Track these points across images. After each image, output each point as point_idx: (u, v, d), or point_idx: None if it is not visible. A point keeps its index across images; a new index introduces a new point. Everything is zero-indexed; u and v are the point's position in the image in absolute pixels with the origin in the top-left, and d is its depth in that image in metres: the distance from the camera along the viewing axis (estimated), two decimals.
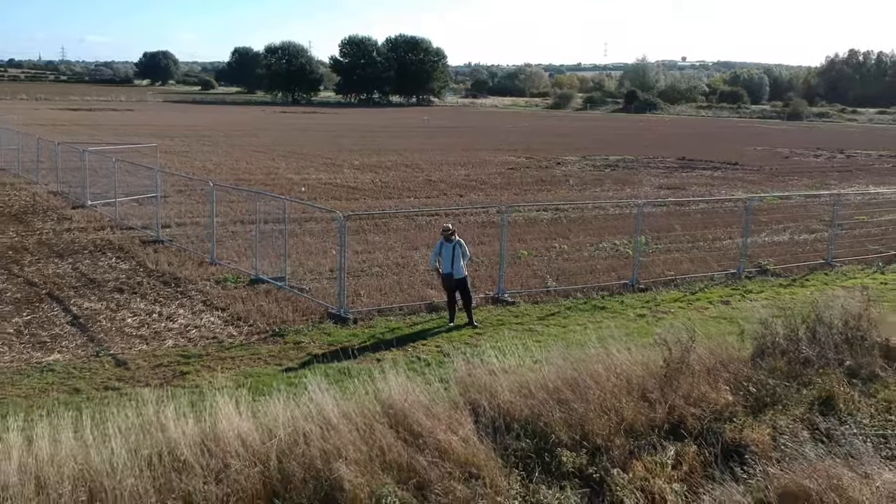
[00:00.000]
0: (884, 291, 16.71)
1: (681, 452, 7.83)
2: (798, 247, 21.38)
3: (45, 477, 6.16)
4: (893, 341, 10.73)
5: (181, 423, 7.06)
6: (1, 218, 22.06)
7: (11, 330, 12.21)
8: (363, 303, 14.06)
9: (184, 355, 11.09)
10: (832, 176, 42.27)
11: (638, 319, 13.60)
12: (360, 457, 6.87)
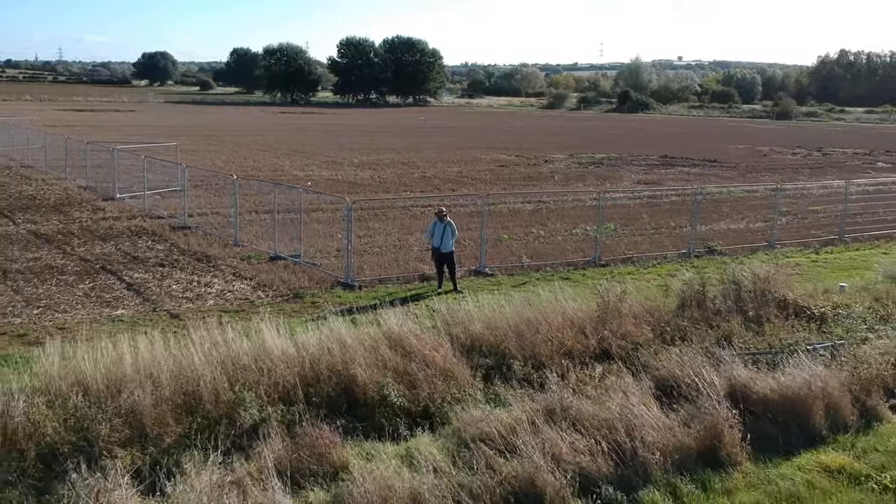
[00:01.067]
0: (811, 267, 19.55)
1: (608, 369, 10.58)
2: (750, 233, 24.16)
3: (151, 370, 8.91)
4: (788, 296, 13.52)
5: (238, 342, 9.80)
6: (42, 209, 24.76)
7: (80, 294, 14.95)
8: (366, 274, 16.82)
9: (224, 310, 13.82)
10: (803, 172, 44.99)
11: (594, 286, 16.36)
12: (369, 363, 9.61)
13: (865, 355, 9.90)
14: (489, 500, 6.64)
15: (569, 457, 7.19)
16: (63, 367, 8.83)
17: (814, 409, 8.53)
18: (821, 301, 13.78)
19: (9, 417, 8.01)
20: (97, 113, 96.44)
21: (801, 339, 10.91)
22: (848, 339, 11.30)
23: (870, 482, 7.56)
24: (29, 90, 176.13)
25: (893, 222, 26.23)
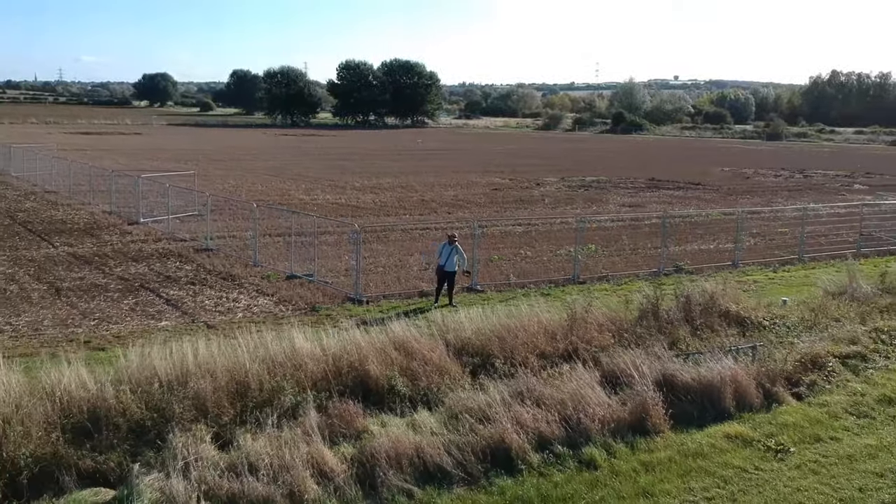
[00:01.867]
0: (768, 283, 22.01)
1: (578, 370, 12.99)
2: (718, 253, 26.63)
3: (208, 366, 11.32)
4: (732, 308, 15.97)
5: (274, 344, 12.21)
6: (75, 232, 27.21)
7: (127, 308, 17.38)
8: (372, 290, 19.26)
9: (252, 322, 16.23)
10: (781, 194, 47.56)
11: (569, 301, 18.80)
12: (379, 361, 12.02)
13: (774, 354, 12.34)
14: (470, 451, 9.04)
15: (530, 424, 9.59)
16: (140, 364, 11.24)
17: (724, 394, 10.96)
18: (762, 313, 16.22)
19: (102, 400, 10.41)
20: (105, 136, 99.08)
21: (731, 343, 13.34)
22: (773, 343, 13.73)
23: (758, 444, 9.96)
24: (33, 112, 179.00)
25: (853, 243, 28.73)
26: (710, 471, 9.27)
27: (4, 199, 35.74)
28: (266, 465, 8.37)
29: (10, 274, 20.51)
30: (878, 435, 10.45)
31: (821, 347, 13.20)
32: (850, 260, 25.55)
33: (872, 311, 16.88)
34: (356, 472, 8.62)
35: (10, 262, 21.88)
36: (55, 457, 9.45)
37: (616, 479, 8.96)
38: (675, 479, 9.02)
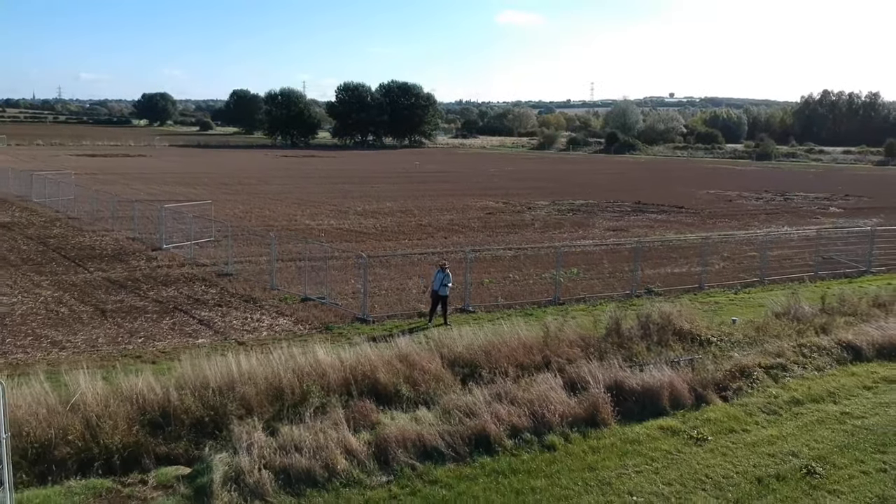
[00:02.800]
0: (727, 304, 24.79)
1: (545, 376, 15.75)
2: (687, 276, 29.40)
3: (250, 374, 14.07)
4: (685, 327, 18.76)
5: (300, 357, 14.97)
6: (105, 258, 29.99)
7: (166, 327, 20.15)
8: (377, 311, 22.04)
9: (276, 339, 19.01)
10: (759, 218, 50.42)
11: (548, 321, 21.60)
12: (386, 371, 14.78)
13: (708, 365, 15.16)
14: (459, 437, 11.81)
15: (506, 418, 12.36)
16: (194, 373, 14.00)
17: (662, 396, 13.73)
18: (712, 331, 19.03)
19: (169, 401, 13.17)
20: (110, 159, 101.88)
21: (677, 356, 16.14)
22: (713, 356, 16.54)
23: (683, 434, 12.73)
24: (33, 132, 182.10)
25: (813, 266, 31.52)
26: (643, 453, 12.05)
27: (33, 225, 38.50)
28: (307, 446, 11.14)
29: (57, 297, 23.28)
30: (781, 428, 13.23)
31: (750, 359, 16.00)
32: (806, 283, 28.54)
33: (808, 328, 19.68)
34: (373, 451, 11.41)
35: (55, 287, 24.66)
36: (137, 444, 12.21)
37: (569, 458, 11.74)
38: (615, 458, 11.80)
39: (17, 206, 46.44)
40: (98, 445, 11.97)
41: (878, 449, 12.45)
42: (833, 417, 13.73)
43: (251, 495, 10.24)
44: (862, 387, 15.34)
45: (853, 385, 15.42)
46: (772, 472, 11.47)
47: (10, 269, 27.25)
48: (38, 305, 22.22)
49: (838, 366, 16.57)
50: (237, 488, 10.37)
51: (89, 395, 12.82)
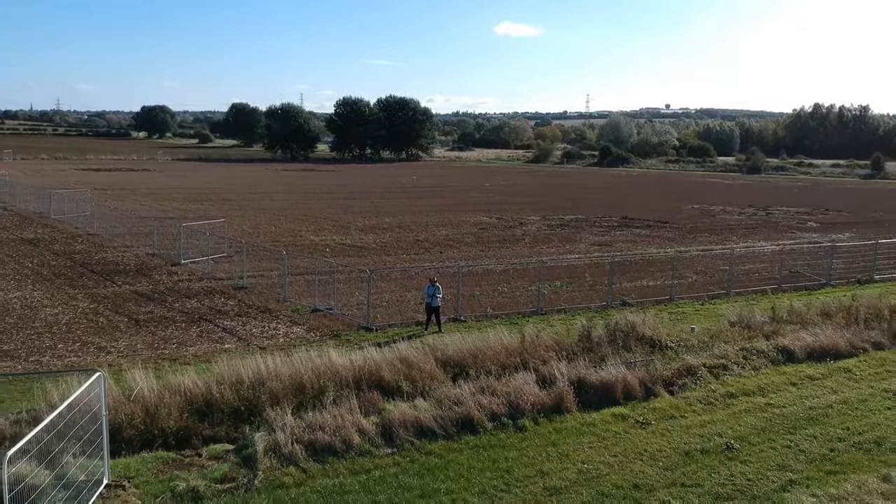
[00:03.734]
0: (693, 314, 27.64)
1: (522, 374, 18.61)
2: (660, 288, 32.27)
3: (276, 372, 16.92)
4: (647, 333, 21.62)
5: (317, 359, 17.82)
6: (130, 273, 32.83)
7: (195, 335, 23.01)
8: (379, 321, 24.90)
9: (292, 345, 21.85)
10: (738, 233, 53.37)
11: (529, 329, 24.46)
12: (389, 370, 17.64)
13: (657, 365, 18.04)
14: (448, 420, 14.67)
15: (487, 406, 15.23)
16: (229, 371, 16.85)
17: (616, 389, 16.61)
18: (673, 337, 21.91)
19: (210, 394, 16.01)
20: (115, 173, 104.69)
21: (635, 358, 19.03)
22: (667, 357, 19.41)
23: (631, 419, 15.61)
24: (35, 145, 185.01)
25: (776, 279, 34.43)
26: (597, 433, 14.93)
27: (56, 241, 41.32)
28: (328, 426, 14.00)
29: (93, 308, 26.14)
30: (713, 415, 16.11)
31: (697, 360, 18.90)
32: (769, 294, 31.46)
33: (756, 335, 22.57)
34: (380, 430, 14.28)
35: (90, 299, 27.51)
36: (187, 428, 15.05)
37: (537, 437, 14.62)
38: (574, 437, 14.68)
39: (38, 222, 49.23)
40: (157, 428, 14.82)
41: (789, 431, 15.33)
42: (758, 407, 16.62)
43: (286, 461, 13.10)
44: (788, 383, 18.24)
45: (781, 382, 18.32)
46: (698, 447, 14.35)
47: (46, 284, 30.08)
48: (78, 316, 25.07)
49: (773, 366, 19.47)
50: (275, 456, 13.23)
51: (146, 390, 15.67)
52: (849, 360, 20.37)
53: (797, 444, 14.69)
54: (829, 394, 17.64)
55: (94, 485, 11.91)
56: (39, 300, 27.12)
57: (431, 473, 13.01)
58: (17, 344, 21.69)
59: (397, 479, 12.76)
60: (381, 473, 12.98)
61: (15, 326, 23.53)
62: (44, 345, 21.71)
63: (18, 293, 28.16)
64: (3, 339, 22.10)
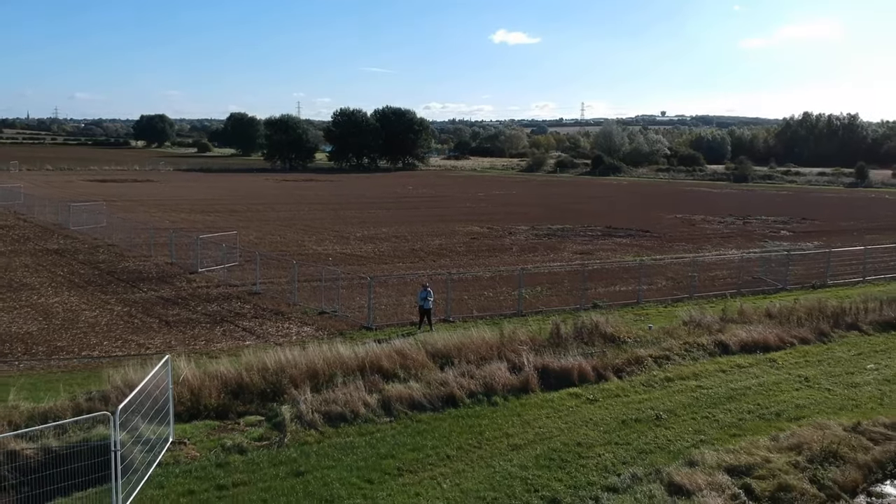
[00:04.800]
0: (656, 315, 31.27)
1: (497, 363, 22.23)
2: (631, 292, 35.90)
3: (295, 362, 20.55)
4: (608, 331, 25.26)
5: (327, 352, 21.44)
6: (152, 280, 36.44)
7: (219, 334, 26.63)
8: (378, 321, 28.54)
9: (304, 342, 25.43)
10: (713, 241, 57.00)
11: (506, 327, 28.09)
12: (388, 360, 21.26)
13: (609, 355, 21.71)
14: (435, 397, 18.31)
15: (466, 386, 18.87)
16: (256, 361, 20.46)
17: (573, 374, 20.26)
18: (631, 334, 25.56)
19: (241, 378, 19.63)
20: (121, 184, 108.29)
21: (594, 350, 22.67)
22: (621, 349, 23.05)
23: (583, 397, 19.27)
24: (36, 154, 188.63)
25: (737, 284, 38.10)
26: (554, 407, 18.59)
27: (80, 252, 44.92)
28: (339, 400, 17.66)
29: (126, 311, 29.77)
30: (651, 394, 19.77)
31: (645, 352, 22.58)
32: (727, 298, 35.12)
33: (704, 332, 26.22)
34: (381, 403, 17.94)
35: (122, 304, 31.13)
36: (224, 405, 18.66)
37: (505, 409, 18.28)
38: (535, 410, 18.33)
39: (59, 234, 52.81)
40: (200, 405, 18.44)
41: (710, 406, 19.00)
42: (690, 389, 20.30)
43: (308, 426, 16.74)
44: (719, 370, 21.92)
45: (713, 369, 22.01)
46: (633, 417, 18.01)
47: (80, 290, 33.69)
48: (114, 318, 28.70)
49: (709, 357, 23.15)
50: (299, 423, 16.88)
51: (189, 375, 19.29)
52: (776, 352, 24.05)
53: (714, 415, 18.35)
54: (751, 378, 21.33)
55: (162, 441, 15.54)
56: (77, 305, 30.73)
57: (420, 435, 16.66)
58: (68, 341, 25.32)
59: (394, 439, 16.42)
60: (381, 434, 16.64)
61: (62, 327, 27.14)
62: (91, 342, 25.34)
63: (58, 299, 31.77)
64: (56, 337, 25.73)
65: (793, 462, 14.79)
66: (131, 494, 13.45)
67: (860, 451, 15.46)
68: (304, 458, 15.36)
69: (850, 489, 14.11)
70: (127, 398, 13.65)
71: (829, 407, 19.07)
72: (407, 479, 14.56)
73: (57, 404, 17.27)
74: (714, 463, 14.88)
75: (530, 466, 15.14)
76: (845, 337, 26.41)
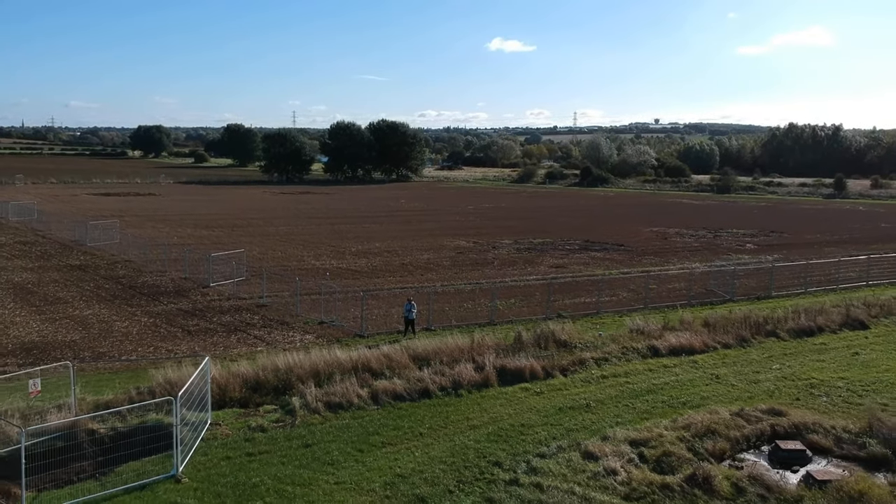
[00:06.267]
0: (612, 324, 36.04)
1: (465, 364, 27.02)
2: (593, 303, 40.70)
3: (300, 363, 25.35)
4: (562, 337, 30.06)
5: (326, 355, 26.20)
6: (170, 294, 41.19)
7: (235, 341, 31.39)
8: (370, 330, 33.32)
9: (307, 347, 30.19)
10: (680, 255, 61.72)
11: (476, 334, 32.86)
12: (377, 363, 26.05)
13: (556, 356, 26.52)
14: (414, 391, 23.09)
15: (439, 382, 23.64)
16: (269, 362, 25.24)
17: (525, 372, 25.05)
18: (582, 340, 30.36)
19: (257, 376, 24.40)
20: (125, 198, 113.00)
21: (545, 353, 27.49)
22: (570, 352, 27.87)
23: (532, 391, 24.04)
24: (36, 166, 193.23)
25: (688, 296, 42.90)
26: (507, 398, 23.40)
27: (100, 267, 49.64)
28: (338, 392, 22.46)
29: (153, 322, 34.52)
30: (587, 388, 24.58)
31: (588, 355, 27.42)
32: (677, 308, 39.93)
33: (644, 338, 31.03)
34: (370, 395, 22.74)
35: (147, 315, 35.88)
36: (245, 398, 23.43)
37: (469, 400, 23.09)
38: (492, 400, 23.15)
39: (77, 250, 57.51)
40: (226, 397, 23.20)
41: (633, 397, 23.82)
42: (619, 384, 25.13)
43: (313, 412, 21.54)
44: (647, 370, 26.76)
45: (642, 369, 26.85)
46: (568, 405, 22.84)
47: (108, 303, 38.45)
48: (143, 328, 33.46)
49: (641, 359, 27.99)
50: (306, 409, 21.67)
51: (217, 373, 24.07)
52: (699, 355, 28.91)
53: (633, 405, 23.18)
54: (672, 376, 26.18)
55: (203, 423, 20.34)
56: (109, 317, 35.48)
57: (400, 418, 21.48)
58: (108, 348, 30.10)
59: (379, 421, 21.24)
60: (370, 418, 21.47)
61: (100, 336, 31.90)
62: (127, 348, 30.12)
63: (90, 311, 36.52)
64: (97, 344, 30.50)
65: (680, 437, 19.60)
66: (185, 459, 18.22)
67: (734, 429, 20.28)
68: (310, 434, 20.15)
69: (717, 455, 18.90)
70: (183, 388, 18.46)
71: (728, 398, 23.90)
72: (388, 449, 19.37)
73: (116, 396, 22.06)
74: (622, 438, 19.69)
75: (483, 441, 19.94)
76: (763, 342, 31.24)
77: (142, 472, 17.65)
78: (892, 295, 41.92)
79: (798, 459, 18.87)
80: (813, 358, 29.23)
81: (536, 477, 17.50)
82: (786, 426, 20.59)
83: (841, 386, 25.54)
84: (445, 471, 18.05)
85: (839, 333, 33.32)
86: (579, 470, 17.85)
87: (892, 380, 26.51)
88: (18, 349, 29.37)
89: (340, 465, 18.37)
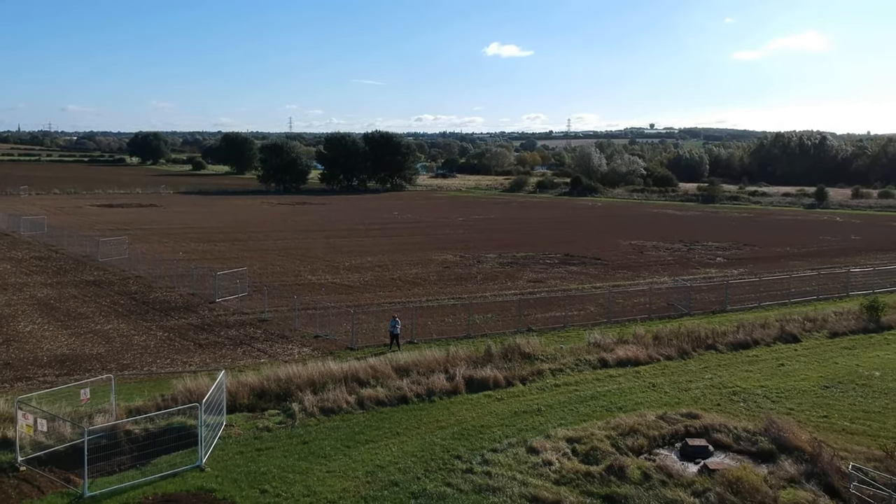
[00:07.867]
0: (576, 336, 40.45)
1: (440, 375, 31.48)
2: (563, 318, 45.14)
3: (300, 374, 29.83)
4: (527, 350, 34.50)
5: (320, 366, 30.65)
6: (180, 309, 45.58)
7: (240, 353, 35.83)
8: (360, 343, 37.76)
9: (304, 360, 34.61)
10: (651, 269, 65.97)
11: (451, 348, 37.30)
12: (364, 373, 30.49)
13: (516, 367, 31.00)
14: (394, 397, 27.54)
15: (415, 390, 28.08)
16: (273, 373, 29.69)
17: (489, 382, 29.51)
18: (545, 353, 34.80)
19: (262, 385, 28.86)
20: (128, 210, 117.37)
21: (509, 364, 31.99)
22: (531, 364, 32.36)
23: (494, 397, 28.50)
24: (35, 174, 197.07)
25: (649, 310, 47.33)
26: (472, 403, 27.85)
27: (113, 283, 54.02)
28: (330, 399, 26.91)
29: (167, 336, 38.94)
30: (541, 395, 29.02)
31: (546, 366, 31.90)
32: (637, 322, 44.40)
33: (598, 351, 35.48)
34: (357, 402, 27.18)
35: (161, 330, 40.31)
36: (252, 404, 27.88)
37: (440, 405, 27.56)
38: (459, 406, 27.63)
39: (89, 265, 61.82)
40: (236, 403, 27.64)
41: (578, 403, 28.27)
42: (569, 391, 29.62)
43: (309, 415, 26.01)
44: (595, 379, 31.25)
45: (591, 378, 31.35)
46: (523, 410, 27.30)
47: (125, 318, 42.87)
48: (159, 341, 37.89)
49: (591, 370, 32.48)
50: (304, 413, 26.15)
51: (228, 383, 28.52)
52: (643, 366, 33.41)
53: (577, 409, 27.68)
54: (615, 385, 30.68)
55: (219, 425, 24.83)
56: (128, 331, 39.91)
57: (381, 421, 25.99)
58: (130, 360, 34.53)
59: (364, 423, 25.74)
60: (356, 420, 25.98)
61: (122, 349, 36.32)
62: (147, 360, 34.55)
63: (110, 326, 40.96)
64: (120, 357, 34.93)
65: (608, 435, 24.09)
66: (207, 453, 22.70)
67: (655, 429, 24.77)
68: (307, 433, 24.67)
69: (636, 450, 23.38)
70: (206, 396, 22.99)
71: (658, 403, 28.41)
72: (370, 446, 23.87)
73: (145, 403, 26.52)
74: (561, 436, 24.18)
75: (448, 439, 24.43)
76: (703, 355, 35.74)
77: (173, 464, 22.13)
78: (833, 310, 46.42)
79: (701, 454, 23.35)
80: (743, 368, 33.74)
81: (488, 467, 21.98)
82: (697, 427, 25.09)
83: (759, 393, 30.04)
84: (416, 462, 22.52)
85: (772, 346, 37.80)
86: (523, 461, 22.34)
87: (806, 387, 31.01)
88: (53, 361, 33.77)
89: (332, 457, 22.84)
